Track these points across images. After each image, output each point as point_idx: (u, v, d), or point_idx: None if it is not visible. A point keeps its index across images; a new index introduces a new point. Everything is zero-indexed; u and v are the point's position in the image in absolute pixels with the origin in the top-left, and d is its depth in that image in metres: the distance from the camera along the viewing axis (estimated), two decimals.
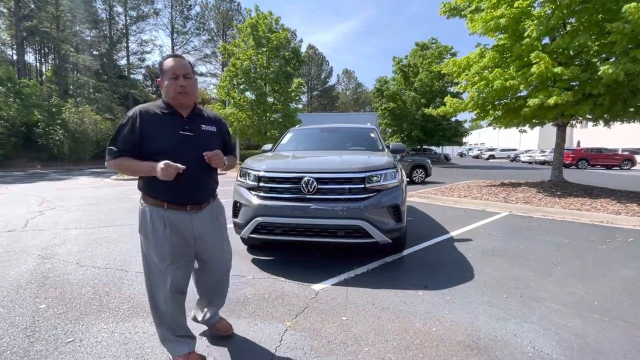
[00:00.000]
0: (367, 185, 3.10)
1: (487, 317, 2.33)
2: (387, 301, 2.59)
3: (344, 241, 3.14)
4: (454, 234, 4.73)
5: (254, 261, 3.53)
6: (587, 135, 33.97)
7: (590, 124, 9.62)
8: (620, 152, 25.37)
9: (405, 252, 3.80)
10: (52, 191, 9.66)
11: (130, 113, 1.57)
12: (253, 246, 3.93)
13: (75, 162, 24.19)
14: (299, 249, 3.86)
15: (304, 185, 3.08)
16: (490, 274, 3.16)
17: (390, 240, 3.15)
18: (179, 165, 1.48)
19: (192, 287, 1.90)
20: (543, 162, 28.40)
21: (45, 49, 37.96)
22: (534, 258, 3.66)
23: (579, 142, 33.92)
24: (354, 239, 3.11)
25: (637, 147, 31.25)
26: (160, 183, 1.53)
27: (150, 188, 1.61)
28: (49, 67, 40.14)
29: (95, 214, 6.09)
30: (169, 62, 1.58)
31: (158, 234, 1.59)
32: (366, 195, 3.08)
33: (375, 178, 3.14)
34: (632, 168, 23.79)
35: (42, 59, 40.00)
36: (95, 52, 36.14)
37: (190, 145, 1.59)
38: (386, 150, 4.51)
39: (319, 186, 3.07)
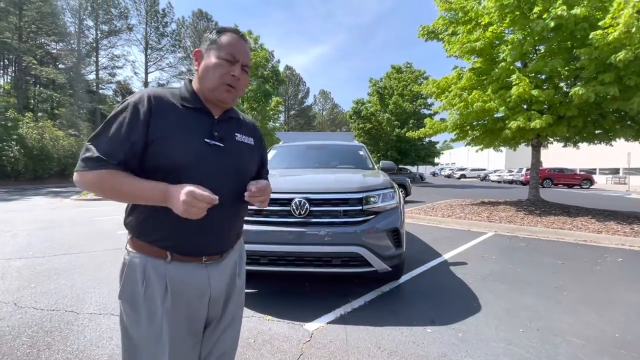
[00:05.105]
0: (365, 207, 2.80)
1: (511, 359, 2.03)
2: (394, 342, 2.23)
3: (339, 271, 2.78)
4: (447, 256, 4.50)
5: None
6: (547, 156, 36.28)
7: (553, 145, 10.11)
8: (578, 172, 27.11)
9: (402, 279, 3.49)
10: None
11: (132, 98, 0.96)
12: None
13: (31, 180, 22.21)
14: (285, 279, 3.44)
15: (294, 207, 2.73)
16: (497, 303, 2.91)
17: (390, 269, 2.84)
18: (213, 195, 0.89)
19: None
20: (511, 182, 29.76)
21: (5, 60, 35.74)
22: (536, 283, 3.47)
23: (541, 163, 36.17)
24: (351, 268, 2.76)
25: (592, 168, 33.81)
26: (167, 219, 0.94)
27: (148, 227, 0.98)
28: (9, 80, 37.69)
29: (48, 240, 5.32)
30: (231, 38, 1.02)
31: (154, 304, 0.96)
32: (364, 218, 2.78)
33: (373, 199, 2.85)
34: (591, 187, 25.39)
35: (1, 71, 37.55)
36: (61, 66, 34.43)
37: (218, 161, 1.01)
38: (377, 168, 4.27)
39: (311, 208, 2.73)
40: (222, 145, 1.03)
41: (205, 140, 1.00)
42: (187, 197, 0.85)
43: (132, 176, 0.91)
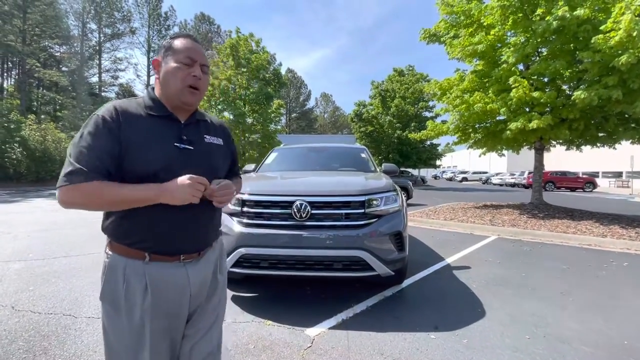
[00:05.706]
0: (367, 210, 2.76)
1: None
2: (397, 348, 2.19)
3: (341, 275, 2.74)
4: (449, 260, 4.45)
5: (234, 299, 3.02)
6: (549, 159, 36.07)
7: (556, 148, 10.04)
8: (581, 176, 26.92)
9: (405, 283, 3.44)
10: None
11: (99, 111, 0.97)
12: (232, 280, 3.42)
13: (33, 182, 22.27)
14: (286, 283, 3.40)
15: (295, 210, 2.69)
16: (502, 308, 2.85)
17: (392, 273, 2.79)
18: (203, 178, 0.98)
19: None
20: (513, 185, 29.62)
21: (9, 63, 36.00)
22: (540, 288, 3.41)
23: (543, 166, 35.95)
24: (353, 273, 2.72)
25: (595, 171, 33.62)
26: (142, 221, 1.00)
27: (125, 229, 1.02)
28: (12, 82, 37.95)
29: (48, 243, 5.29)
30: (185, 42, 1.05)
31: (134, 303, 1.00)
32: (366, 222, 2.73)
33: (375, 202, 2.81)
34: (593, 190, 25.23)
35: (5, 74, 37.83)
36: (64, 68, 34.65)
37: (189, 163, 1.04)
38: (379, 171, 4.24)
39: (312, 211, 2.69)
40: (191, 147, 1.07)
41: (175, 144, 1.04)
42: (191, 180, 0.94)
43: (118, 183, 0.95)
